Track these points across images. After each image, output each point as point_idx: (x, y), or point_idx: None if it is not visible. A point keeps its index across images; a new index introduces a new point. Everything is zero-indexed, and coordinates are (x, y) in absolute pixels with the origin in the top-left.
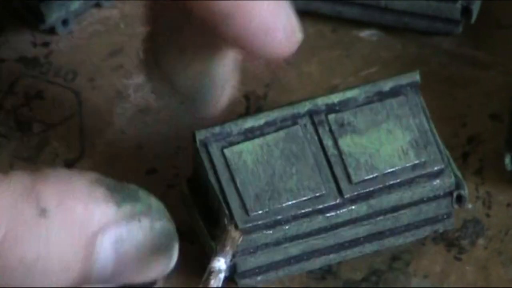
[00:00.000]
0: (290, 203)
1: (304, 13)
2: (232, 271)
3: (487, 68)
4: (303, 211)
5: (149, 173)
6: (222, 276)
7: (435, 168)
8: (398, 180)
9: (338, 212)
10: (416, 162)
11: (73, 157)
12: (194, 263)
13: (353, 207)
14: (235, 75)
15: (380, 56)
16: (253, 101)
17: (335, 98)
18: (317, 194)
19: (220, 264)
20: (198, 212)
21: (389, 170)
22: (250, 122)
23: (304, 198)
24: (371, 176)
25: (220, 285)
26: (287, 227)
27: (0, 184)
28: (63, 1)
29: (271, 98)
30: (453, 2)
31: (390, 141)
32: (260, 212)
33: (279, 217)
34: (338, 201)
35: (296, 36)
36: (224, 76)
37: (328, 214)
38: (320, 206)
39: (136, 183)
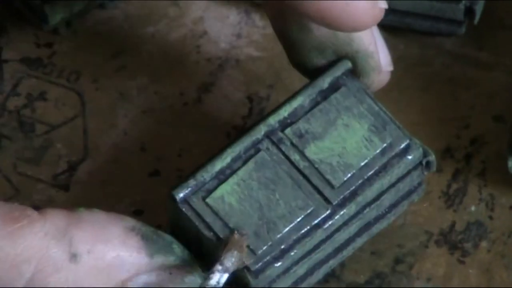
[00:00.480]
0: (287, 228)
1: None
2: None
3: (490, 69)
4: (302, 231)
5: (152, 175)
6: None
7: (402, 145)
8: (374, 170)
9: (332, 220)
10: (384, 145)
11: (76, 158)
12: None
13: (344, 210)
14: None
15: None
16: (256, 103)
17: (284, 112)
18: (308, 211)
19: (217, 279)
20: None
21: (362, 163)
22: (218, 164)
23: (298, 219)
24: (349, 175)
25: None
26: (293, 252)
27: (35, 224)
28: (67, 1)
29: (274, 99)
30: (456, 3)
31: (351, 135)
32: (265, 247)
33: (283, 246)
34: (329, 210)
35: (379, 5)
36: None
37: (325, 226)
38: (316, 221)
39: (139, 185)
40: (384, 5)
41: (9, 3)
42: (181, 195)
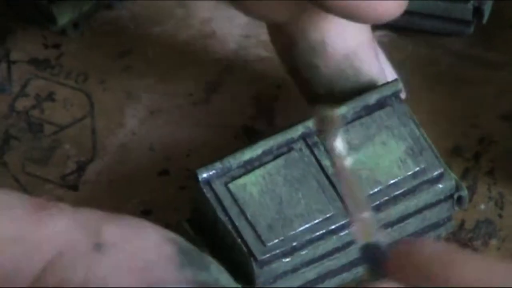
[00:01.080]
0: (303, 228)
1: None
2: None
3: (499, 69)
4: (317, 234)
5: (161, 175)
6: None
7: (435, 173)
8: (402, 190)
9: (349, 230)
10: (416, 169)
11: (85, 158)
12: None
13: None
14: None
15: (392, 57)
16: (264, 103)
17: None
18: (327, 215)
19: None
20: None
21: (391, 182)
22: (248, 154)
23: (315, 221)
24: (375, 190)
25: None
26: (303, 252)
27: (65, 212)
28: (74, 2)
29: (282, 100)
30: (464, 3)
31: (386, 153)
32: (276, 241)
33: (294, 243)
34: (347, 219)
35: None
36: None
37: (341, 234)
38: (332, 227)
39: (148, 185)
40: None
41: (17, 4)
42: (205, 175)
